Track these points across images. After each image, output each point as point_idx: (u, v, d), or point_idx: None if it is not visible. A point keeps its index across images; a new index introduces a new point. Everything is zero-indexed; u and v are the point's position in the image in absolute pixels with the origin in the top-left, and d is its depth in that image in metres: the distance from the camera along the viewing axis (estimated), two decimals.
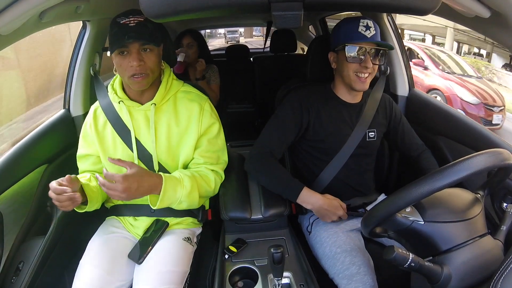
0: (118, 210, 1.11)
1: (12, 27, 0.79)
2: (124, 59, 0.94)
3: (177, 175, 0.99)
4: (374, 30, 1.05)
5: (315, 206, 1.08)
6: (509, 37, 0.80)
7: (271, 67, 2.65)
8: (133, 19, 0.92)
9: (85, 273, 0.93)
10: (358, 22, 1.04)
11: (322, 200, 1.07)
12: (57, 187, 0.86)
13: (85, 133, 1.09)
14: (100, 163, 1.09)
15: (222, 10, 0.69)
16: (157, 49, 0.97)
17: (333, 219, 1.09)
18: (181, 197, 0.97)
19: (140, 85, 0.97)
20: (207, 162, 1.07)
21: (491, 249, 0.71)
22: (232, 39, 16.43)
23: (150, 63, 0.95)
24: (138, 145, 1.03)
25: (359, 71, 1.07)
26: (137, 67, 0.93)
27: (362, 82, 1.08)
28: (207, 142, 1.06)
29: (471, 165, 0.65)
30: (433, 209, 0.72)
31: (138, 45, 0.92)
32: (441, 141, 1.28)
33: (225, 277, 0.95)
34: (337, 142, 1.16)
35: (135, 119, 1.04)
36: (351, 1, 0.73)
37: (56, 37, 5.96)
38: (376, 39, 1.05)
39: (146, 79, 0.96)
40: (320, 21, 3.01)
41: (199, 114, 1.05)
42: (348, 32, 1.06)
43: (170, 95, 1.05)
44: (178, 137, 1.04)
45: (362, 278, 0.95)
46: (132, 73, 0.94)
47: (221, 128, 1.11)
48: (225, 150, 1.13)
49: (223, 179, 1.13)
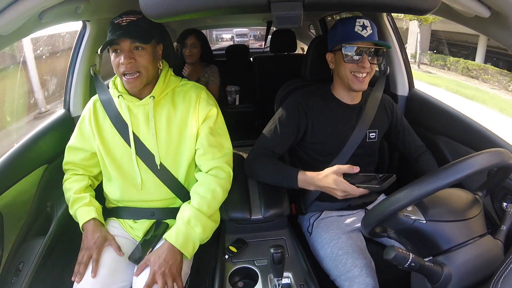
0: (117, 212, 1.10)
1: (12, 27, 0.79)
2: (116, 57, 0.96)
3: (180, 225, 0.97)
4: (371, 29, 1.04)
5: (316, 187, 1.04)
6: (509, 37, 0.80)
7: (271, 67, 2.65)
8: (126, 18, 0.94)
9: (87, 274, 0.93)
10: (354, 22, 1.04)
11: (319, 180, 1.01)
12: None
13: (82, 126, 1.08)
14: (89, 161, 1.09)
15: (222, 10, 0.69)
16: (150, 47, 0.97)
17: (341, 196, 0.99)
18: (199, 233, 0.97)
19: (132, 85, 0.98)
20: (208, 156, 1.04)
21: (491, 249, 0.71)
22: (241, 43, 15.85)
23: (142, 61, 0.96)
24: (136, 141, 1.03)
25: (356, 71, 1.06)
26: (127, 65, 0.94)
27: (360, 82, 1.08)
28: (208, 129, 1.05)
29: (471, 165, 0.65)
30: (435, 208, 0.72)
31: (129, 43, 0.94)
32: (441, 141, 1.28)
33: (225, 277, 0.95)
34: (337, 143, 1.15)
35: (134, 115, 1.04)
36: (351, 1, 0.73)
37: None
38: (373, 39, 1.04)
39: (139, 79, 0.97)
40: (320, 21, 3.01)
41: (196, 102, 1.05)
42: (345, 32, 1.06)
43: (168, 89, 1.05)
44: (178, 130, 1.04)
45: (364, 280, 0.95)
46: (123, 70, 0.95)
47: (220, 114, 1.10)
48: (227, 137, 1.11)
49: (231, 175, 1.08)
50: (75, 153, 1.09)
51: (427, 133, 1.33)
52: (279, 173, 1.08)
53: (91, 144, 1.07)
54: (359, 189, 0.94)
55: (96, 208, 1.03)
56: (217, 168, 1.05)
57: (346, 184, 0.95)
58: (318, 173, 1.02)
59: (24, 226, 1.07)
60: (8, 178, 1.02)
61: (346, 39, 1.05)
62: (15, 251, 1.03)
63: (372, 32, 1.04)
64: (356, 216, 1.20)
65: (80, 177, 1.09)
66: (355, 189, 0.94)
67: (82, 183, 1.07)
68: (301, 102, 1.15)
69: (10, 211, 0.99)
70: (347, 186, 0.95)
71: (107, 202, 1.14)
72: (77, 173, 1.09)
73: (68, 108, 1.40)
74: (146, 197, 1.06)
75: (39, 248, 1.07)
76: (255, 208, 1.11)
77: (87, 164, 1.09)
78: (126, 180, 1.05)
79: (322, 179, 1.00)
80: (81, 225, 1.00)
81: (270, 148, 1.14)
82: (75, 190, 1.04)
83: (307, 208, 1.21)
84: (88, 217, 1.00)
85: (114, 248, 0.98)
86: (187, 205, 1.01)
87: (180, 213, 1.00)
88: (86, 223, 0.99)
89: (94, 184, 1.13)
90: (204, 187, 1.02)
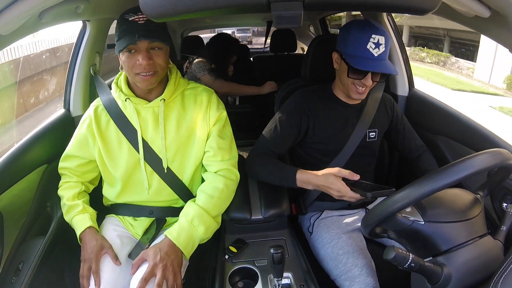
0: (117, 209, 1.10)
1: (12, 27, 0.79)
2: (132, 57, 0.92)
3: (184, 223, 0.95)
4: (384, 47, 1.00)
5: (314, 185, 1.03)
6: (509, 37, 0.80)
7: (271, 67, 2.65)
8: (142, 16, 0.90)
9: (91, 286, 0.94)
10: (369, 38, 0.98)
11: (317, 179, 1.01)
12: None
13: (80, 134, 1.05)
14: (85, 167, 1.07)
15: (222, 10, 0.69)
16: (165, 48, 0.96)
17: (337, 196, 0.99)
18: (201, 233, 0.95)
19: (148, 83, 0.95)
20: (218, 157, 1.03)
21: (491, 249, 0.71)
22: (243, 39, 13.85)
23: (159, 61, 0.94)
24: (144, 146, 1.01)
25: (358, 85, 1.06)
26: (146, 65, 0.91)
27: (360, 94, 1.08)
28: (218, 132, 1.04)
29: (471, 165, 0.65)
30: (433, 209, 0.72)
31: (147, 43, 0.91)
32: (441, 141, 1.28)
33: (225, 277, 0.95)
34: (338, 143, 1.15)
35: (142, 118, 1.01)
36: (351, 1, 0.73)
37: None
38: (383, 58, 1.01)
39: (155, 77, 0.95)
40: (320, 21, 3.01)
41: (207, 106, 1.04)
42: (356, 46, 1.01)
43: (178, 92, 1.04)
44: (187, 132, 1.03)
45: (364, 280, 0.95)
46: (140, 71, 0.92)
47: (228, 119, 1.10)
48: (234, 142, 1.11)
49: (239, 179, 1.07)
50: (71, 160, 1.07)
51: (427, 133, 1.33)
52: (278, 172, 1.08)
53: (90, 151, 1.05)
54: (352, 192, 0.94)
55: (90, 215, 1.01)
56: (226, 170, 1.04)
57: (342, 184, 0.96)
58: (316, 172, 1.02)
59: (24, 226, 1.07)
60: (8, 178, 1.02)
61: (355, 55, 1.01)
62: (15, 251, 1.03)
63: (384, 50, 1.00)
64: (356, 216, 1.20)
65: (73, 184, 1.07)
66: (348, 191, 0.95)
67: (74, 190, 1.05)
68: (302, 102, 1.15)
69: (10, 211, 0.99)
70: (342, 186, 0.95)
71: (105, 200, 1.13)
72: (70, 180, 1.08)
73: (68, 108, 1.40)
74: (149, 198, 1.06)
75: (39, 248, 1.07)
76: (255, 208, 1.11)
77: (82, 170, 1.08)
78: (131, 185, 1.05)
79: (320, 178, 1.00)
80: (79, 234, 0.99)
81: (270, 148, 1.14)
82: (68, 198, 1.03)
83: (307, 208, 1.22)
84: (83, 227, 0.98)
85: (111, 257, 0.96)
86: (192, 203, 0.99)
87: (184, 211, 0.98)
88: (82, 233, 0.98)
89: (88, 189, 1.11)
90: (212, 186, 1.01)
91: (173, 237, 0.92)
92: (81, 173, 1.08)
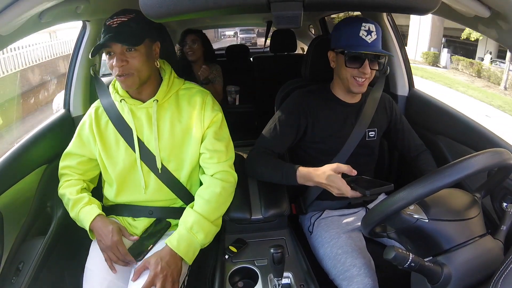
0: (116, 210, 1.10)
1: (12, 27, 0.79)
2: (110, 60, 0.94)
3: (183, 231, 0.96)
4: (376, 34, 1.03)
5: (315, 183, 1.03)
6: (509, 37, 0.80)
7: (271, 67, 2.65)
8: (117, 19, 0.92)
9: (92, 277, 0.95)
10: (359, 26, 1.02)
11: (317, 176, 1.01)
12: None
13: (81, 132, 1.07)
14: (86, 165, 1.08)
15: (222, 10, 0.69)
16: (143, 48, 0.95)
17: (337, 194, 0.99)
18: (201, 239, 0.96)
19: (125, 85, 0.97)
20: (214, 160, 1.03)
21: (491, 249, 0.71)
22: (247, 40, 13.53)
23: (134, 62, 0.94)
24: (140, 145, 1.02)
25: (357, 76, 1.07)
26: (120, 67, 0.92)
27: (360, 86, 1.08)
28: (213, 134, 1.04)
29: (471, 165, 0.66)
30: (437, 208, 0.72)
31: (120, 46, 0.92)
32: (441, 141, 1.28)
33: (225, 277, 0.95)
34: (337, 142, 1.15)
35: (137, 118, 1.03)
36: (351, 1, 0.73)
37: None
38: (377, 45, 1.04)
39: (131, 79, 0.95)
40: (320, 21, 3.01)
41: (201, 108, 1.04)
42: (349, 36, 1.04)
43: (172, 92, 1.04)
44: (181, 133, 1.03)
45: (362, 280, 0.95)
46: (117, 73, 0.94)
47: (224, 120, 1.10)
48: (231, 143, 1.11)
49: (236, 178, 1.07)
50: (71, 158, 1.07)
51: (427, 133, 1.33)
52: (278, 170, 1.08)
53: (91, 149, 1.05)
54: (352, 191, 0.95)
55: (97, 205, 1.02)
56: (223, 172, 1.04)
57: (342, 182, 0.96)
58: (316, 169, 1.03)
59: (24, 226, 1.07)
60: (8, 178, 1.02)
61: (349, 44, 1.04)
62: (15, 251, 1.03)
63: (376, 38, 1.03)
64: (357, 215, 1.20)
65: (74, 182, 1.07)
66: (349, 190, 0.95)
67: (77, 186, 1.05)
68: (301, 102, 1.15)
69: (10, 211, 0.99)
70: (342, 184, 0.96)
71: (105, 200, 1.13)
72: (72, 178, 1.07)
73: (68, 108, 1.41)
74: (147, 198, 1.06)
75: (39, 248, 1.07)
76: (255, 208, 1.11)
77: (84, 168, 1.08)
78: (128, 184, 1.05)
79: (320, 175, 1.00)
80: (88, 225, 0.98)
81: (270, 148, 1.14)
82: (71, 192, 1.03)
83: (307, 207, 1.22)
84: (94, 215, 0.99)
85: (126, 236, 1.00)
86: (190, 210, 0.99)
87: (183, 218, 0.99)
88: (93, 221, 0.98)
89: (89, 188, 1.11)
90: (209, 190, 1.01)
91: (173, 246, 0.93)
92: (82, 171, 1.08)
